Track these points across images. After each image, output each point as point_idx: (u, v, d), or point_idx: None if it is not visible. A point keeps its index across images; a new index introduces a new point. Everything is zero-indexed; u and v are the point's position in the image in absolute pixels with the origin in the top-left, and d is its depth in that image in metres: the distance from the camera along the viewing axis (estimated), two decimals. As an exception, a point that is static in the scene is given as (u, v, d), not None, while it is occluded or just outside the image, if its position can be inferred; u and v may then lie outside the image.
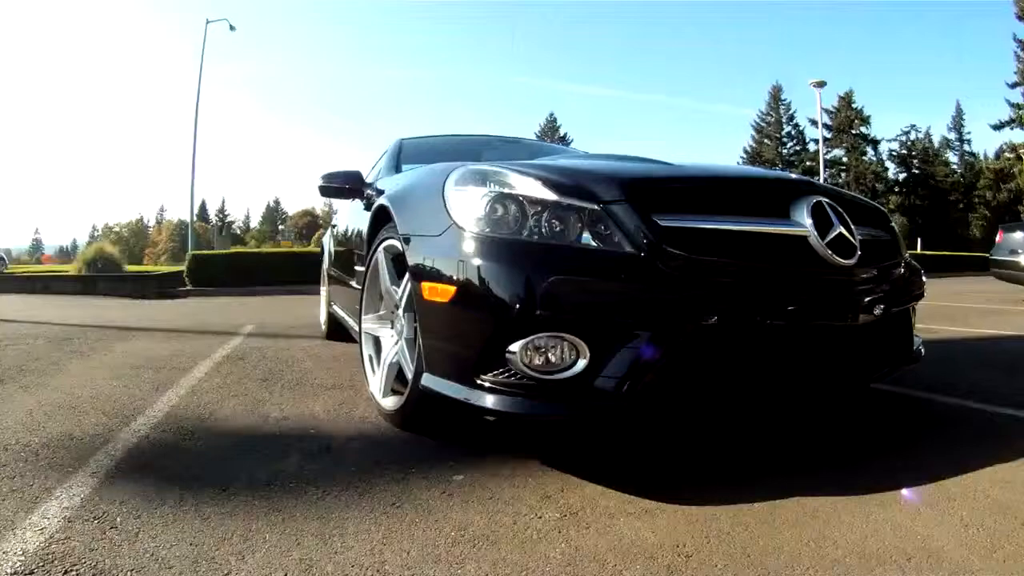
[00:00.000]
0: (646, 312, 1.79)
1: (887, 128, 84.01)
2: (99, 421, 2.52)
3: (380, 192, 3.12)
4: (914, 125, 54.74)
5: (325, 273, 5.32)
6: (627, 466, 2.05)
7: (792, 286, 1.96)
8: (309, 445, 2.26)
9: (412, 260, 2.17)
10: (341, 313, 4.20)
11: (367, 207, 3.34)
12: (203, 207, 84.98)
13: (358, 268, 3.28)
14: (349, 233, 4.03)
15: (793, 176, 2.34)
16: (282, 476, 1.95)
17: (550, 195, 1.91)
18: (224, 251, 17.23)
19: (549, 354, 1.80)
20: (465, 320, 1.93)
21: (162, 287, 14.00)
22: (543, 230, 1.88)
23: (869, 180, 51.03)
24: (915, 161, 53.00)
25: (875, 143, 52.71)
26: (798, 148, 55.09)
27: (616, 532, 1.58)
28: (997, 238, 9.57)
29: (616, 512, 1.68)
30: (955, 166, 54.23)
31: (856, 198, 2.53)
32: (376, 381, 2.61)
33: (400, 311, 2.42)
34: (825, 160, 36.58)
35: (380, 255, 2.61)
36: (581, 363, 1.79)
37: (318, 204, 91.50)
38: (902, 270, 2.42)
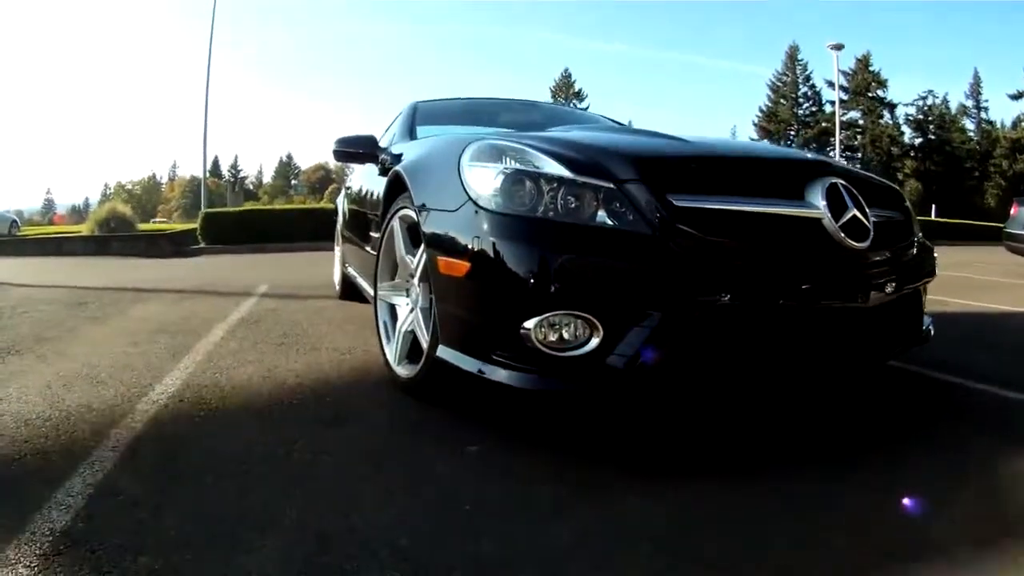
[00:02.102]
0: (658, 291, 1.80)
1: (904, 93, 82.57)
2: (117, 392, 2.54)
3: (395, 157, 3.13)
4: (931, 91, 53.80)
5: (339, 233, 5.32)
6: (634, 444, 2.06)
7: (804, 268, 1.95)
8: (325, 414, 2.29)
9: (428, 233, 2.18)
10: (355, 275, 4.21)
11: (382, 172, 3.34)
12: (216, 163, 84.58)
13: (372, 234, 3.28)
14: (363, 195, 4.00)
15: (809, 156, 2.30)
16: (299, 448, 1.97)
17: (566, 173, 1.90)
18: (236, 208, 17.26)
19: (563, 331, 1.82)
20: (480, 295, 1.95)
21: (175, 246, 14.08)
22: (558, 207, 1.88)
23: (885, 144, 50.73)
24: (931, 127, 52.36)
25: (892, 107, 52.35)
26: (814, 109, 54.63)
27: (623, 512, 1.60)
28: (1012, 211, 9.44)
29: (624, 490, 1.71)
30: (971, 133, 53.45)
31: (871, 178, 2.49)
32: (391, 349, 2.63)
33: (415, 280, 2.43)
34: (841, 122, 36.05)
35: (395, 224, 2.62)
36: (594, 341, 1.81)
37: (331, 159, 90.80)
38: (914, 251, 2.40)
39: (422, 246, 2.26)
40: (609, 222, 1.85)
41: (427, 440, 2.06)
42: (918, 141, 52.61)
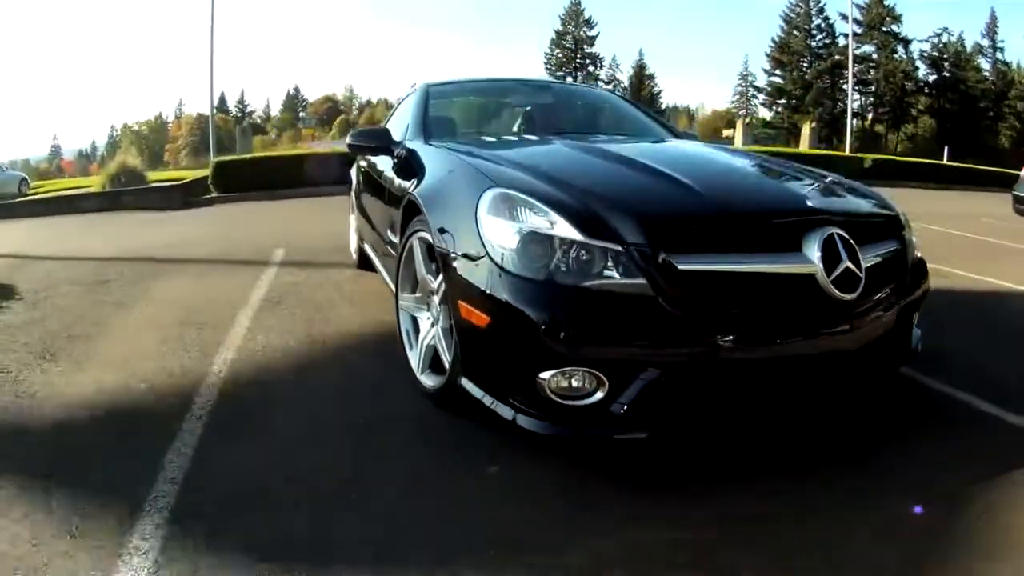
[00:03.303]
0: (658, 349, 1.98)
1: (918, 29, 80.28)
2: (161, 404, 2.68)
3: (410, 153, 3.29)
4: (946, 28, 53.42)
5: (353, 202, 5.36)
6: (634, 462, 2.21)
7: (796, 319, 2.10)
8: (359, 430, 2.47)
9: (448, 272, 2.32)
10: (373, 256, 4.31)
11: (396, 167, 3.48)
12: (222, 98, 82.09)
13: (390, 235, 3.37)
14: (378, 173, 4.03)
15: (810, 203, 2.31)
16: (343, 475, 2.14)
17: (577, 235, 2.03)
18: (246, 156, 17.18)
19: (573, 382, 2.00)
20: (500, 347, 2.12)
21: (187, 196, 13.99)
22: (571, 265, 2.02)
23: (899, 79, 50.61)
24: (946, 64, 52.17)
25: (906, 43, 52.13)
26: (827, 41, 54.15)
27: (628, 536, 1.81)
28: (1022, 174, 9.31)
29: (628, 513, 1.92)
30: (987, 73, 53.18)
31: (871, 213, 2.57)
32: (414, 356, 2.78)
33: (436, 299, 2.55)
34: (854, 55, 35.36)
35: (414, 243, 2.72)
36: (599, 394, 2.00)
37: (339, 90, 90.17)
38: (908, 278, 2.49)
39: (442, 274, 2.39)
40: (617, 279, 1.99)
41: (454, 459, 2.25)
42: (932, 78, 52.51)
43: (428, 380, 2.62)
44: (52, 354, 3.37)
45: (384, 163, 3.78)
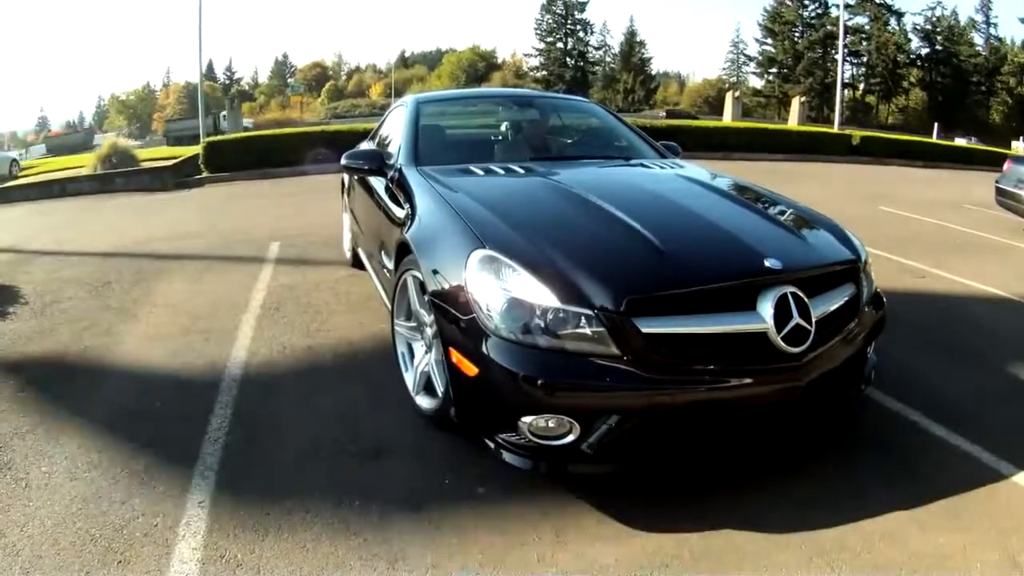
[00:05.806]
0: (621, 399, 2.25)
1: (911, 2, 79.88)
2: (181, 439, 2.84)
3: (403, 179, 3.47)
4: (940, 2, 53.87)
5: (346, 204, 5.57)
6: (605, 488, 2.49)
7: (747, 371, 2.31)
8: (362, 449, 2.74)
9: (440, 319, 2.56)
10: (367, 263, 4.54)
11: (387, 188, 3.69)
12: (210, 66, 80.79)
13: (385, 259, 3.54)
14: (370, 186, 4.19)
15: (768, 263, 2.41)
16: (350, 493, 2.46)
17: (554, 302, 2.26)
18: (237, 136, 17.11)
19: (549, 424, 2.28)
20: (487, 393, 2.38)
21: (178, 177, 14.07)
22: (548, 326, 2.27)
23: (891, 51, 51.00)
24: (939, 38, 52.69)
25: (899, 15, 52.66)
26: (819, 11, 54.33)
27: (593, 558, 2.15)
28: (1004, 167, 9.48)
29: (594, 536, 2.25)
30: (979, 48, 53.77)
31: (827, 263, 2.68)
32: (409, 377, 3.03)
33: (429, 331, 2.79)
34: (846, 26, 35.24)
35: (408, 279, 2.95)
36: (571, 436, 2.29)
37: (327, 55, 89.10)
38: (863, 316, 2.70)
39: (434, 314, 2.62)
40: (587, 338, 2.24)
41: (447, 480, 2.55)
42: (925, 51, 53.12)
43: (423, 401, 2.86)
44: (71, 375, 3.56)
45: (378, 182, 3.94)
